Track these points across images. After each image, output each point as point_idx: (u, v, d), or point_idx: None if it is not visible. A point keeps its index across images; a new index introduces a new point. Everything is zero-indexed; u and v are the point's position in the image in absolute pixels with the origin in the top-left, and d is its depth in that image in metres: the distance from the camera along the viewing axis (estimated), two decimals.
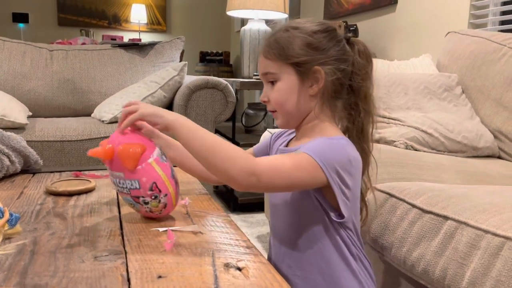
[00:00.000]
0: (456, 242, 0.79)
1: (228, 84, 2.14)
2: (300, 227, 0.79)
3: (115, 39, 4.71)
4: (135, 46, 2.56)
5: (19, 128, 1.82)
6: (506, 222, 0.74)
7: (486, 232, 0.75)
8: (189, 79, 2.16)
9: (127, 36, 5.41)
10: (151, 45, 2.57)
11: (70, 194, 0.92)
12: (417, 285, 0.92)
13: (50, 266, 0.58)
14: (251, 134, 2.68)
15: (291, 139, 0.88)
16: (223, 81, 2.14)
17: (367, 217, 0.89)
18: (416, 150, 1.37)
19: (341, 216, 0.76)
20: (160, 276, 0.55)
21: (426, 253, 0.85)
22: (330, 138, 0.76)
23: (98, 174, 1.10)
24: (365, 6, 2.80)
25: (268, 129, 1.60)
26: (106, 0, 5.65)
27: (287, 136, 0.90)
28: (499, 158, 1.48)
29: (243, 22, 4.58)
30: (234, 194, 2.37)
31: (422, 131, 1.40)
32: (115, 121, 1.96)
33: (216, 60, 5.41)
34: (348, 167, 0.73)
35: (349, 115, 0.81)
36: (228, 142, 0.70)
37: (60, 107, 2.35)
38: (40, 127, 1.87)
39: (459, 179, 1.16)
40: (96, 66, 2.45)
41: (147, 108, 0.72)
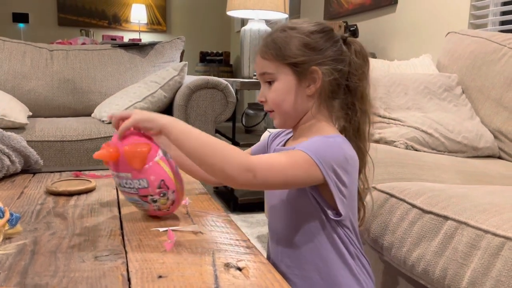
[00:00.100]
0: (456, 242, 0.79)
1: (228, 84, 2.14)
2: (297, 225, 0.79)
3: (115, 39, 4.71)
4: (135, 46, 2.56)
5: (19, 128, 1.82)
6: (506, 222, 0.74)
7: (486, 232, 0.75)
8: (189, 79, 2.16)
9: (127, 36, 5.42)
10: (151, 45, 2.57)
11: (71, 194, 0.92)
12: (417, 285, 0.92)
13: (51, 266, 0.58)
14: (251, 134, 2.68)
15: (288, 139, 0.88)
16: (223, 81, 2.14)
17: (364, 216, 0.89)
18: (416, 150, 1.37)
19: (338, 214, 0.76)
20: (160, 276, 0.55)
21: (426, 253, 0.85)
22: (326, 136, 0.76)
23: (98, 174, 1.10)
24: (365, 6, 2.80)
25: (268, 129, 1.60)
26: (106, 0, 5.65)
27: (284, 136, 0.90)
28: (499, 158, 1.48)
29: (243, 22, 4.59)
30: (234, 194, 2.36)
31: (422, 131, 1.40)
32: None
33: (216, 60, 5.41)
34: (345, 164, 0.73)
35: (346, 114, 0.81)
36: (223, 141, 0.70)
37: (60, 107, 2.35)
38: (40, 127, 1.87)
39: (459, 179, 1.16)
40: (96, 66, 2.45)
41: (140, 114, 0.71)
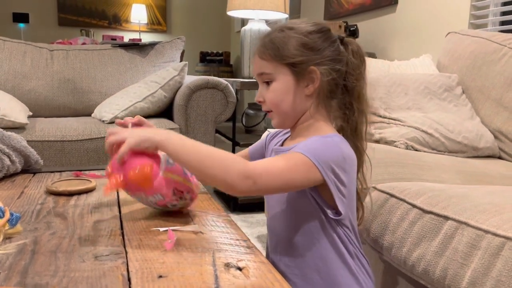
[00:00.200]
0: (457, 242, 0.79)
1: (229, 84, 2.14)
2: (296, 225, 0.79)
3: (116, 39, 4.70)
4: (135, 46, 2.56)
5: (19, 128, 1.82)
6: (506, 222, 0.74)
7: (487, 232, 0.75)
8: (189, 79, 2.16)
9: (127, 36, 5.42)
10: (152, 45, 2.57)
11: (71, 194, 0.92)
12: (417, 285, 0.92)
13: (51, 265, 0.58)
14: (251, 134, 2.68)
15: (286, 139, 0.88)
16: (224, 81, 2.14)
17: (363, 216, 0.89)
18: (416, 150, 1.37)
19: (338, 214, 0.76)
20: (160, 276, 0.55)
21: (426, 253, 0.85)
22: (323, 136, 0.76)
23: (98, 174, 1.10)
24: (365, 7, 2.80)
25: (268, 129, 1.59)
26: (106, 0, 5.65)
27: (282, 135, 0.91)
28: (500, 158, 1.48)
29: (243, 22, 4.59)
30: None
31: (423, 131, 1.40)
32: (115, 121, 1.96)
33: (216, 60, 5.41)
34: (343, 164, 0.73)
35: (343, 114, 0.82)
36: (218, 150, 0.69)
37: (61, 107, 2.35)
38: (40, 127, 1.87)
39: (460, 179, 1.16)
40: (97, 66, 2.45)
41: (134, 136, 0.69)
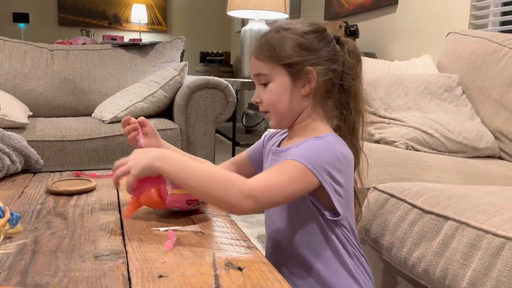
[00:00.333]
0: (457, 242, 0.79)
1: (229, 84, 2.14)
2: (294, 227, 0.79)
3: (116, 39, 4.70)
4: (135, 46, 2.56)
5: (19, 127, 1.82)
6: (506, 223, 0.74)
7: (487, 232, 0.75)
8: (189, 79, 2.16)
9: (127, 36, 5.42)
10: (152, 45, 2.57)
11: (71, 194, 0.92)
12: (417, 285, 0.92)
13: (51, 265, 0.58)
14: (251, 134, 2.69)
15: (283, 139, 0.88)
16: (224, 81, 2.14)
17: (360, 215, 0.89)
18: (416, 151, 1.37)
19: (335, 214, 0.76)
20: (161, 276, 0.55)
21: (426, 253, 0.85)
22: (317, 138, 0.76)
23: (98, 174, 1.10)
24: (365, 7, 2.80)
25: (268, 129, 1.60)
26: (107, 0, 5.66)
27: (279, 136, 0.91)
28: (500, 158, 1.48)
29: (244, 22, 4.59)
30: None
31: (423, 131, 1.40)
32: (115, 121, 1.96)
33: (217, 60, 5.42)
34: (338, 164, 0.73)
35: (340, 114, 0.82)
36: (217, 169, 0.71)
37: (61, 107, 2.35)
38: (40, 127, 1.87)
39: (460, 180, 1.16)
40: (97, 66, 2.45)
41: (136, 167, 0.69)
